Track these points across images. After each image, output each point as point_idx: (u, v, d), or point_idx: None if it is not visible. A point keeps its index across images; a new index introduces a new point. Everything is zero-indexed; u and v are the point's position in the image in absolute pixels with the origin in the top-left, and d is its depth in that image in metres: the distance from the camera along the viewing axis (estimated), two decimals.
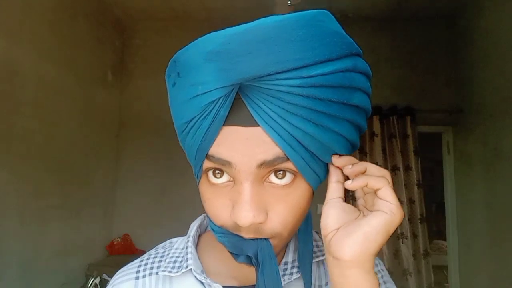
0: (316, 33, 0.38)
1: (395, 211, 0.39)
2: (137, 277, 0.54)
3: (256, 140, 0.39)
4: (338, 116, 0.40)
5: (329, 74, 0.38)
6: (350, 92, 0.40)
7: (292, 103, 0.38)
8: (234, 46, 0.37)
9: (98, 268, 2.38)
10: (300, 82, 0.37)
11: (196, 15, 3.06)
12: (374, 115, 2.85)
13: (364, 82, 0.42)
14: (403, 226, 2.77)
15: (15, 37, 1.86)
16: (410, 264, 2.73)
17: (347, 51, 0.39)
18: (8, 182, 1.82)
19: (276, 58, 0.36)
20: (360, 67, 0.41)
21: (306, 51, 0.37)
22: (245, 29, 0.37)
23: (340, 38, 0.40)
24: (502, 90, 2.31)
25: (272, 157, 0.40)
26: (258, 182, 0.41)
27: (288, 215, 0.43)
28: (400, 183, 2.80)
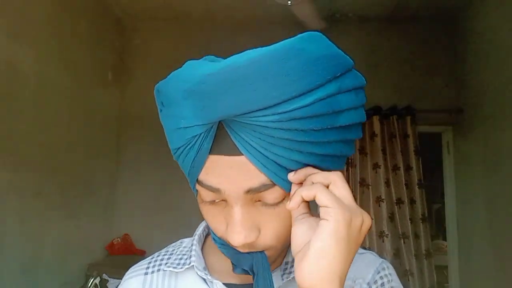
0: (293, 65, 0.36)
1: (335, 215, 0.35)
2: (146, 273, 0.58)
3: (241, 168, 0.40)
4: (323, 141, 0.40)
5: (309, 105, 0.37)
6: (334, 116, 0.39)
7: (273, 136, 0.38)
8: (209, 86, 0.37)
9: (98, 268, 2.37)
10: (278, 118, 0.37)
11: (196, 15, 3.06)
12: (374, 115, 2.84)
13: (353, 99, 0.41)
14: (405, 226, 2.76)
15: (15, 37, 1.86)
16: (412, 264, 2.72)
17: (330, 75, 0.38)
18: (8, 182, 1.82)
19: (251, 97, 0.36)
20: (347, 85, 0.40)
21: (282, 87, 0.36)
22: (219, 69, 0.37)
23: (323, 63, 0.38)
24: (502, 90, 2.31)
25: (258, 184, 0.40)
26: (249, 203, 0.42)
27: (281, 229, 0.44)
28: (401, 182, 2.79)
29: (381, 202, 2.77)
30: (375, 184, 2.80)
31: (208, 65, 0.40)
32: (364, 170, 2.81)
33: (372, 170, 2.81)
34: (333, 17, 3.01)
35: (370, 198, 2.77)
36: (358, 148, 2.83)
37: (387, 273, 0.54)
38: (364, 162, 2.82)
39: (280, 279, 0.50)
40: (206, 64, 0.40)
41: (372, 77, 2.96)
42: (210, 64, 0.39)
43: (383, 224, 2.75)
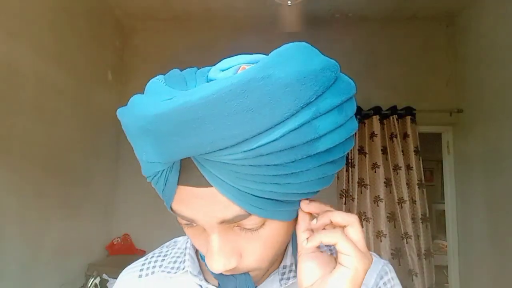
0: (256, 99, 0.31)
1: (356, 263, 0.37)
2: (140, 275, 0.56)
3: (212, 199, 0.37)
4: (301, 170, 0.36)
5: (278, 139, 0.33)
6: (311, 144, 0.35)
7: (241, 172, 0.35)
8: (161, 127, 0.34)
9: (98, 268, 2.37)
10: (243, 156, 0.33)
11: (196, 15, 3.06)
12: (374, 115, 2.85)
13: (335, 118, 0.36)
14: (407, 226, 2.75)
15: (15, 37, 1.86)
16: (415, 264, 2.71)
17: (303, 101, 0.33)
18: (8, 182, 1.82)
19: (208, 138, 0.33)
20: (326, 106, 0.35)
21: (244, 124, 0.32)
22: (170, 110, 0.33)
23: (294, 89, 0.32)
24: (502, 90, 2.31)
25: (232, 216, 0.38)
26: (226, 229, 0.40)
27: (263, 252, 0.42)
28: (402, 182, 2.79)
29: (379, 202, 2.77)
30: (374, 184, 2.80)
31: (160, 102, 0.34)
32: (363, 170, 2.81)
33: (371, 170, 2.81)
34: (333, 17, 3.01)
35: (368, 198, 2.77)
36: (358, 148, 2.83)
37: (390, 278, 0.53)
38: (363, 162, 2.82)
39: (278, 284, 0.49)
40: (160, 97, 0.35)
41: (372, 77, 2.97)
42: (163, 101, 0.34)
43: (381, 224, 2.75)
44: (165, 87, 0.38)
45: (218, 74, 0.39)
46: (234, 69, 0.39)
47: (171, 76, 0.41)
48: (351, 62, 2.97)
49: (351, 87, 0.39)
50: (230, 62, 0.41)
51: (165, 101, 0.34)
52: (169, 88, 0.37)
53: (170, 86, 0.38)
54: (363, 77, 2.94)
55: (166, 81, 0.40)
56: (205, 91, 0.32)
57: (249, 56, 0.42)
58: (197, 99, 0.32)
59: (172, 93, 0.35)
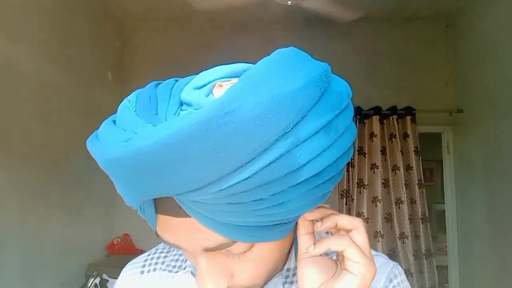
0: (219, 139, 0.28)
1: (364, 271, 0.36)
2: (142, 272, 0.56)
3: (193, 229, 0.35)
4: (284, 201, 0.33)
5: (251, 177, 0.30)
6: (291, 175, 0.31)
7: (217, 208, 0.32)
8: (119, 170, 0.32)
9: (98, 268, 2.37)
10: (213, 196, 0.31)
11: (196, 15, 3.06)
12: (374, 115, 2.85)
13: (320, 142, 0.32)
14: (404, 226, 2.76)
15: (15, 37, 1.86)
16: (410, 264, 2.72)
17: (277, 133, 0.29)
18: (8, 182, 1.82)
19: (171, 182, 0.30)
20: (308, 131, 0.31)
21: (207, 167, 0.29)
22: (126, 154, 0.30)
23: (265, 121, 0.28)
24: (502, 90, 2.31)
25: (215, 244, 0.36)
26: (214, 253, 0.39)
27: (256, 272, 0.41)
28: (401, 182, 2.79)
29: (377, 202, 2.78)
30: (372, 184, 2.80)
31: (118, 143, 0.32)
32: (362, 170, 2.81)
33: (370, 170, 2.81)
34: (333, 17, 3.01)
35: (365, 198, 2.77)
36: (357, 149, 2.83)
37: (400, 281, 0.51)
38: (362, 162, 2.82)
39: (281, 286, 0.49)
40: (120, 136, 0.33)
41: (372, 77, 2.97)
42: (120, 143, 0.31)
43: (379, 224, 2.75)
44: (131, 118, 0.35)
45: (191, 93, 0.36)
46: (208, 89, 0.36)
47: (143, 97, 0.38)
48: (351, 62, 2.98)
49: (343, 97, 0.34)
50: (206, 77, 0.37)
51: (122, 143, 0.31)
52: (134, 121, 0.35)
53: (138, 112, 0.36)
54: (363, 77, 2.95)
55: (137, 104, 0.37)
56: (162, 133, 0.29)
57: (227, 67, 0.38)
58: (152, 143, 0.29)
59: (135, 127, 0.33)
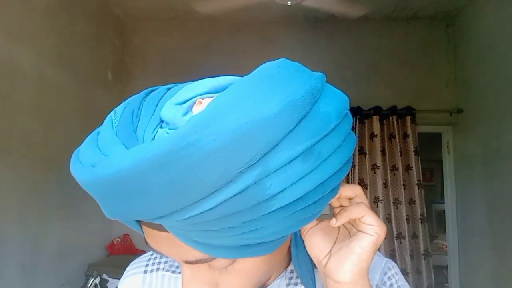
0: (178, 172, 0.27)
1: (379, 231, 0.40)
2: (145, 271, 0.57)
3: (172, 242, 0.35)
4: (257, 228, 0.32)
5: (214, 208, 0.29)
6: (260, 206, 0.30)
7: (188, 232, 0.32)
8: (90, 191, 0.33)
9: (98, 268, 2.37)
10: (178, 224, 0.31)
11: (196, 15, 3.06)
12: (374, 115, 2.85)
13: (293, 173, 0.30)
14: (401, 226, 2.77)
15: (15, 37, 1.86)
16: (407, 264, 2.72)
17: (241, 166, 0.28)
18: (8, 182, 1.82)
19: (134, 209, 0.31)
20: (280, 161, 0.29)
21: (167, 198, 0.29)
22: (91, 180, 0.31)
23: (227, 154, 0.27)
24: (502, 90, 2.31)
25: (194, 259, 0.36)
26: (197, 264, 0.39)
27: (241, 284, 0.41)
28: (399, 183, 2.79)
29: (379, 203, 2.78)
30: (374, 184, 2.81)
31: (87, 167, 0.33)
32: (363, 171, 2.82)
33: (371, 171, 2.81)
34: (333, 17, 3.01)
35: (367, 199, 2.77)
36: (358, 149, 2.83)
37: (394, 273, 0.53)
38: (363, 162, 2.82)
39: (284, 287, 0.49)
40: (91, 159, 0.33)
41: (372, 77, 2.97)
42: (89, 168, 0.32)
43: None
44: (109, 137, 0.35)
45: (171, 111, 0.35)
46: (188, 106, 0.35)
47: (128, 111, 0.38)
48: (351, 62, 2.98)
49: (330, 119, 0.32)
50: (188, 93, 0.36)
51: (89, 168, 0.32)
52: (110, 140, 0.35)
53: (119, 129, 0.36)
54: (363, 77, 2.95)
55: (120, 118, 0.37)
56: (123, 163, 0.29)
57: (212, 81, 0.37)
58: (113, 172, 0.29)
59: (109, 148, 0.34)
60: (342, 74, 2.93)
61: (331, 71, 3.06)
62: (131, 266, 0.59)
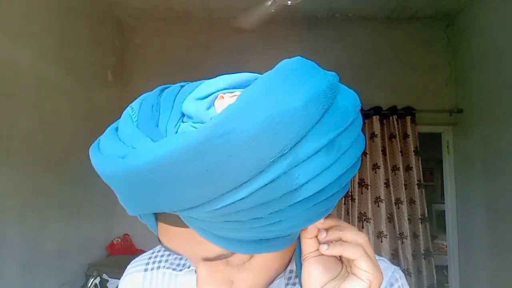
0: (214, 160, 0.28)
1: (372, 279, 0.37)
2: (146, 269, 0.57)
3: (192, 239, 0.35)
4: (281, 219, 0.33)
5: (246, 198, 0.29)
6: (289, 195, 0.31)
7: (214, 224, 0.32)
8: (116, 184, 0.33)
9: (98, 268, 2.37)
10: (208, 215, 0.31)
11: (196, 15, 3.06)
12: (374, 115, 2.85)
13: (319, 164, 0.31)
14: (403, 226, 2.76)
15: (15, 37, 1.86)
16: (409, 264, 2.72)
17: (274, 154, 0.28)
18: (8, 182, 1.82)
19: (165, 200, 0.31)
20: (308, 151, 0.30)
21: (201, 187, 0.29)
22: (121, 172, 0.31)
23: (262, 142, 0.28)
24: (502, 90, 2.31)
25: (214, 255, 0.36)
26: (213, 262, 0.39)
27: (256, 281, 0.41)
28: (400, 183, 2.79)
29: (380, 203, 2.78)
30: (374, 184, 2.80)
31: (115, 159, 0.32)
32: (364, 171, 2.81)
33: (372, 171, 2.81)
34: (333, 17, 3.02)
35: (369, 199, 2.77)
36: None
37: (400, 285, 0.51)
38: (363, 162, 2.82)
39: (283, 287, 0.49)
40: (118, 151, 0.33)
41: (372, 77, 2.97)
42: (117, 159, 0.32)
43: (382, 225, 2.75)
44: (131, 130, 0.35)
45: (193, 105, 0.36)
46: (210, 101, 0.36)
47: (146, 106, 0.38)
48: (351, 62, 2.98)
49: (349, 113, 0.33)
50: (209, 88, 0.37)
51: (118, 160, 0.32)
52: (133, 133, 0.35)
53: (140, 123, 0.36)
54: (363, 77, 2.95)
55: (139, 113, 0.37)
56: (156, 153, 0.29)
57: (231, 77, 0.37)
58: (146, 163, 0.29)
59: (134, 141, 0.34)
60: (342, 74, 2.89)
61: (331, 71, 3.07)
62: (132, 264, 0.59)
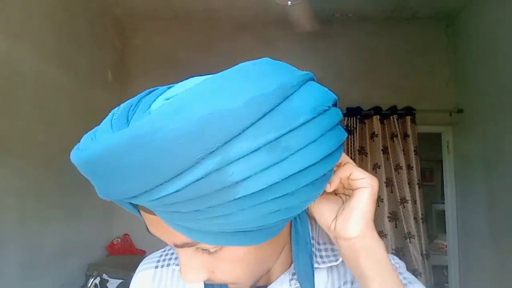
0: (144, 155, 0.30)
1: (371, 182, 0.43)
2: (156, 266, 0.59)
3: (161, 226, 0.38)
4: (226, 214, 0.33)
5: (181, 190, 0.31)
6: (225, 191, 0.32)
7: (166, 213, 0.34)
8: (81, 171, 0.37)
9: (98, 268, 2.37)
10: (152, 204, 0.33)
11: (196, 15, 3.06)
12: (374, 115, 2.85)
13: (257, 162, 0.31)
14: (410, 225, 2.75)
15: (15, 37, 1.86)
16: (419, 264, 2.71)
17: (202, 151, 0.30)
18: (8, 182, 1.82)
19: (116, 188, 0.33)
20: (242, 150, 0.31)
21: (137, 178, 0.31)
22: (77, 161, 0.36)
23: (189, 140, 0.30)
24: (502, 90, 2.31)
25: (180, 242, 0.39)
26: (192, 248, 0.41)
27: (235, 272, 0.43)
28: (404, 182, 2.79)
29: (380, 202, 2.77)
30: None
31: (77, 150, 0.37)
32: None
33: (372, 171, 2.81)
34: (333, 17, 3.01)
35: None
36: (358, 149, 2.83)
37: (394, 263, 0.52)
38: (363, 162, 2.82)
39: (288, 284, 0.50)
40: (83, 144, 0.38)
41: (372, 77, 2.97)
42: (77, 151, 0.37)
43: (382, 224, 2.75)
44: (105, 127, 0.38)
45: (160, 104, 0.38)
46: None
47: (127, 106, 0.41)
48: (351, 62, 2.98)
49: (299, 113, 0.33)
50: (178, 89, 0.38)
51: (76, 150, 0.37)
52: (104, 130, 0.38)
53: (115, 121, 0.38)
54: (363, 77, 2.95)
55: (119, 112, 0.40)
56: (98, 146, 0.33)
57: (200, 79, 0.38)
58: (89, 155, 0.33)
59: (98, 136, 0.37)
60: (342, 74, 2.93)
61: (331, 71, 3.08)
62: (144, 261, 0.62)
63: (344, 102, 2.78)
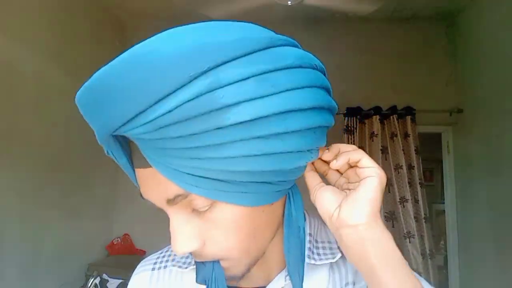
0: (142, 73, 0.32)
1: (379, 171, 0.43)
2: (153, 268, 0.59)
3: (154, 179, 0.39)
4: (216, 143, 0.34)
5: (174, 110, 0.32)
6: (215, 115, 0.33)
7: (157, 147, 0.35)
8: (81, 110, 0.38)
9: (98, 268, 2.37)
10: (144, 129, 0.34)
11: (196, 15, 3.06)
12: (374, 115, 2.85)
13: (247, 90, 0.33)
14: (409, 225, 2.75)
15: (15, 37, 1.86)
16: (419, 264, 2.70)
17: (194, 71, 0.32)
18: (8, 182, 1.82)
19: (111, 113, 0.34)
20: (233, 75, 0.33)
21: (136, 96, 0.33)
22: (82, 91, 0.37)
23: (184, 60, 0.32)
24: (502, 90, 2.31)
25: (173, 195, 0.39)
26: (184, 211, 0.41)
27: (226, 240, 0.42)
28: (404, 181, 2.78)
29: None
30: None
31: None
32: None
33: None
34: (333, 17, 3.01)
35: None
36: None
37: None
38: None
39: (283, 280, 0.50)
40: None
41: (372, 77, 2.96)
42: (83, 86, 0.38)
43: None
44: None
45: None
46: None
47: None
48: (351, 62, 2.98)
49: (286, 57, 0.37)
50: None
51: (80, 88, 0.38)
52: None
53: None
54: (363, 77, 2.94)
55: None
56: (99, 71, 0.35)
57: None
58: (94, 78, 0.35)
59: None
60: (342, 74, 2.93)
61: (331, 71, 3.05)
62: (141, 264, 0.61)
63: (344, 102, 2.78)
